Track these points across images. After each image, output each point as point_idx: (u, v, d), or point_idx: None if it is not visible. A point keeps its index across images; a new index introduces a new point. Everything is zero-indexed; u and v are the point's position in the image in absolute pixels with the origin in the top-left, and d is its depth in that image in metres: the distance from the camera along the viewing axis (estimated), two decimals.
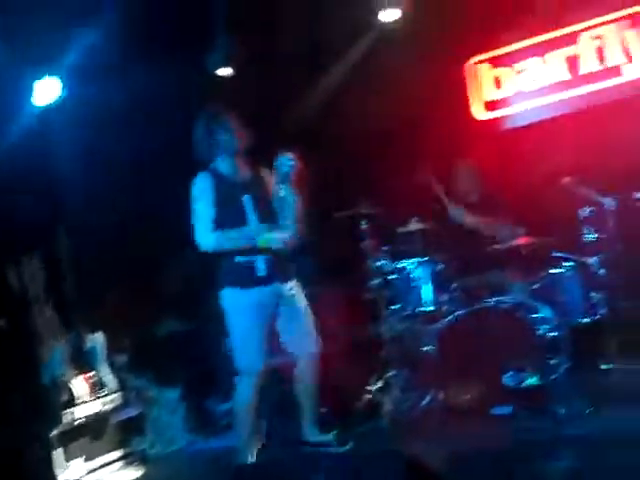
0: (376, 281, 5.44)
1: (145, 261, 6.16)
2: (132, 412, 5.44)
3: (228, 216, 4.38)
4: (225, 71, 6.67)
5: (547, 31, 6.45)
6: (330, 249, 5.98)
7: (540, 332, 4.80)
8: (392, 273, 5.49)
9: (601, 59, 6.29)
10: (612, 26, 6.26)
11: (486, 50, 6.69)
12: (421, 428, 4.79)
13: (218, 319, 4.54)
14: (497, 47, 6.66)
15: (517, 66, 6.58)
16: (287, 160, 4.42)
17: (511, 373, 4.71)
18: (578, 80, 6.36)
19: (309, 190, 4.53)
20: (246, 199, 4.44)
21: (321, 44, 6.61)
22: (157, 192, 5.93)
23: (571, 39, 6.39)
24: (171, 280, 6.36)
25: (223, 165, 4.51)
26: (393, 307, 5.41)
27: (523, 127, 6.56)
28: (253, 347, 4.43)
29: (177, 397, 5.68)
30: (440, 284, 5.38)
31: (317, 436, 4.65)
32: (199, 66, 6.56)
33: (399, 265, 5.48)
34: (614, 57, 6.25)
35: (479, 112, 6.72)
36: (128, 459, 5.31)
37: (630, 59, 6.19)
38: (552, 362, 4.71)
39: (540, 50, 6.49)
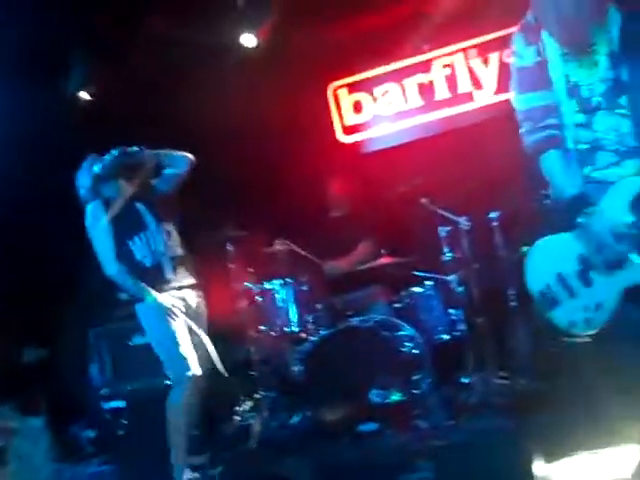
0: (243, 303, 5.50)
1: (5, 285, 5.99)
2: None
3: (126, 229, 4.57)
4: (84, 93, 6.57)
5: (403, 58, 6.67)
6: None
7: (403, 350, 4.97)
8: (259, 294, 5.54)
9: (453, 86, 6.57)
10: (460, 55, 6.56)
11: (346, 75, 6.85)
12: (290, 448, 4.87)
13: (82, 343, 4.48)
14: (356, 73, 6.82)
15: (375, 91, 6.77)
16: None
17: (376, 390, 4.85)
18: (432, 105, 6.61)
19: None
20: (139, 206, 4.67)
21: (182, 67, 6.59)
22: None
23: (425, 67, 6.64)
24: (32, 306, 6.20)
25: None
26: (261, 328, 5.45)
27: (383, 150, 6.74)
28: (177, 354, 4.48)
29: (41, 425, 5.53)
30: (305, 304, 5.47)
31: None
32: (59, 89, 6.44)
33: (265, 286, 5.54)
34: (464, 84, 6.54)
35: (341, 135, 6.87)
36: None
37: (479, 86, 6.49)
38: (415, 378, 4.89)
39: (397, 76, 6.70)
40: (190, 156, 4.86)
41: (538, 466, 3.66)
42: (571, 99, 2.87)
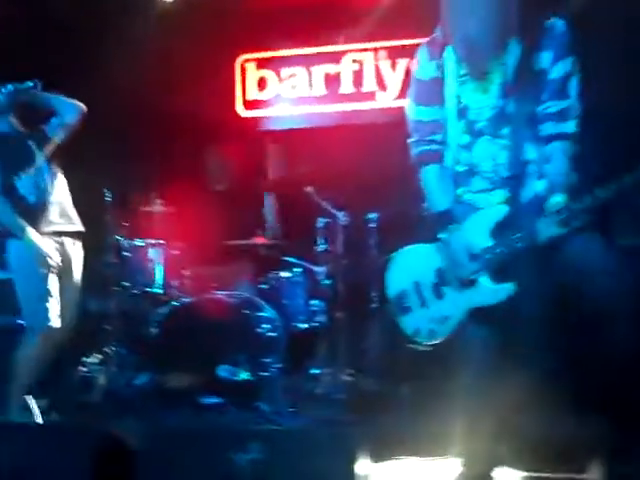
0: (111, 256, 5.43)
1: None
2: None
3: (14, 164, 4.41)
4: None
5: (316, 45, 6.70)
6: None
7: (260, 330, 5.03)
8: (128, 250, 5.49)
9: (358, 82, 6.65)
10: (370, 54, 6.65)
11: (256, 50, 6.83)
12: (129, 407, 4.86)
13: None
14: (267, 49, 6.81)
15: (282, 72, 6.77)
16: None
17: (226, 366, 4.90)
18: (336, 97, 6.67)
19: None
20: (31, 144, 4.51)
21: (95, 12, 6.40)
22: None
23: (335, 58, 6.69)
24: None
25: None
26: (124, 284, 5.40)
27: (280, 131, 6.77)
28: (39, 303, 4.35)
29: None
30: (173, 269, 5.46)
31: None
32: None
33: (136, 243, 5.49)
34: (370, 83, 6.63)
35: (241, 109, 6.85)
36: None
37: (384, 87, 6.60)
38: (266, 361, 4.96)
39: (306, 62, 6.73)
40: (82, 106, 4.71)
41: (363, 464, 3.78)
42: (459, 120, 2.97)
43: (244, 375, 4.87)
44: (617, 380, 2.89)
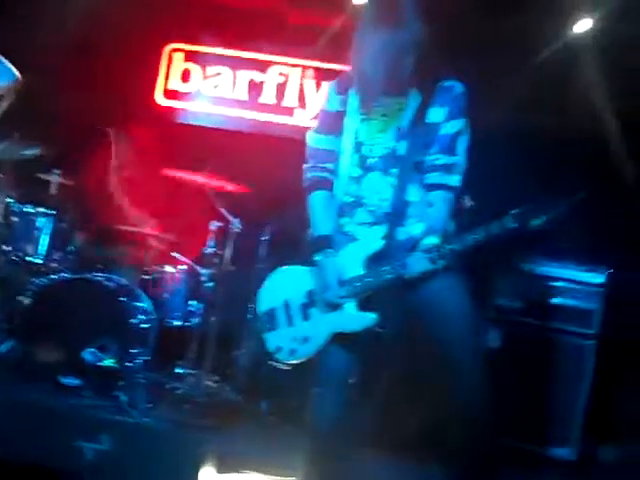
0: None
1: None
2: None
3: None
4: None
5: (246, 50, 6.74)
6: None
7: (133, 320, 5.01)
8: (15, 214, 5.38)
9: (281, 95, 6.72)
10: (297, 70, 6.73)
11: (187, 42, 6.81)
12: None
13: None
14: (198, 43, 6.81)
15: (208, 69, 6.78)
16: None
17: (92, 350, 4.85)
18: (255, 105, 6.72)
19: None
20: None
21: None
22: None
23: (262, 66, 6.74)
24: None
25: None
26: (4, 247, 5.29)
27: (195, 127, 6.76)
28: None
29: None
30: (58, 241, 5.39)
31: None
32: None
33: (25, 209, 5.39)
34: (291, 98, 6.71)
35: (160, 97, 6.81)
36: None
37: (304, 106, 6.69)
38: (133, 351, 4.95)
39: (233, 64, 6.76)
40: (16, 73, 4.59)
41: (208, 472, 3.84)
42: (354, 153, 3.17)
43: (108, 362, 4.82)
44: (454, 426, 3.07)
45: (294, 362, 3.19)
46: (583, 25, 5.76)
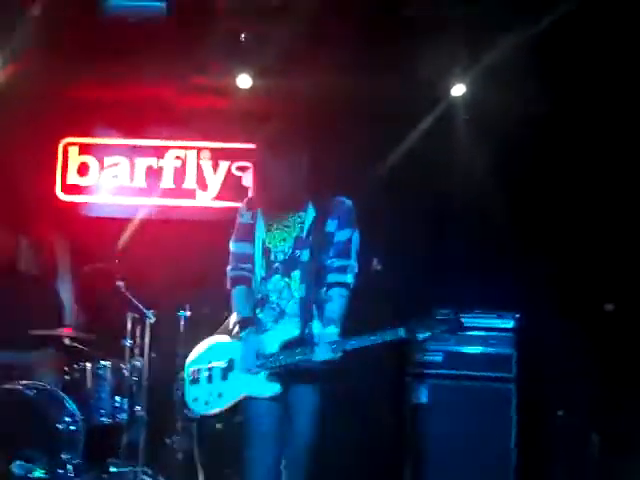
0: None
1: None
2: None
3: None
4: None
5: (141, 137, 6.84)
6: None
7: (59, 425, 4.97)
8: None
9: (179, 179, 6.83)
10: (193, 152, 6.87)
11: (80, 135, 6.86)
12: None
13: None
14: (91, 136, 6.87)
15: (106, 160, 6.83)
16: None
17: (21, 462, 4.80)
18: (156, 191, 6.80)
19: None
20: None
21: None
22: None
23: (159, 152, 6.85)
24: None
25: None
26: None
27: (100, 219, 6.79)
28: None
29: None
30: None
31: None
32: None
33: None
34: (190, 180, 6.83)
35: (60, 192, 6.82)
36: None
37: (204, 187, 6.81)
38: (64, 457, 4.91)
39: (129, 152, 6.84)
40: None
41: None
42: (263, 257, 3.76)
43: (38, 473, 4.78)
44: None
45: (204, 413, 3.81)
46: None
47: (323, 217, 3.69)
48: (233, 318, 3.84)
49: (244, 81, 6.24)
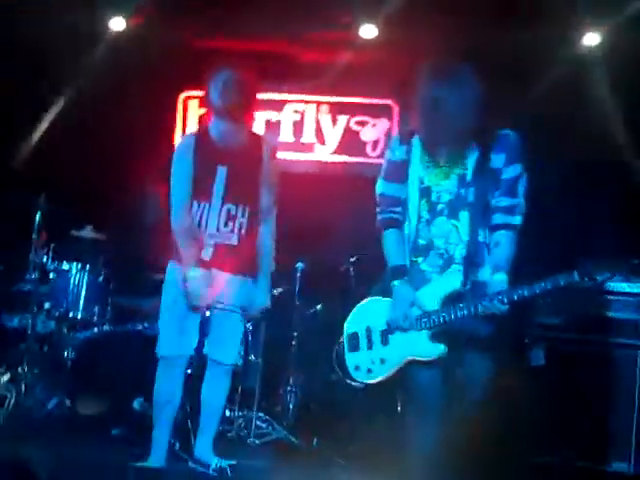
0: (33, 275, 5.37)
1: None
2: None
3: (197, 186, 4.05)
4: None
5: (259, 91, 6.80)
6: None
7: None
8: (53, 272, 5.45)
9: (299, 132, 6.80)
10: (312, 106, 6.82)
11: (200, 88, 6.88)
12: (36, 431, 4.78)
13: None
14: None
15: None
16: None
17: (140, 399, 4.88)
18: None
19: None
20: (220, 171, 4.03)
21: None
22: None
23: (277, 106, 6.83)
24: None
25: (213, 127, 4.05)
26: (45, 305, 5.35)
27: None
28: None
29: None
30: (97, 295, 5.44)
31: None
32: None
33: (62, 266, 5.46)
34: (309, 134, 6.79)
35: None
36: None
37: (322, 141, 6.77)
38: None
39: None
40: None
41: None
42: (421, 198, 3.36)
43: None
44: None
45: (369, 382, 3.41)
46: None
47: (488, 152, 3.28)
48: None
49: (368, 31, 6.13)
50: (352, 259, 5.65)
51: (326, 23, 6.22)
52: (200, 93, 6.84)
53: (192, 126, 6.89)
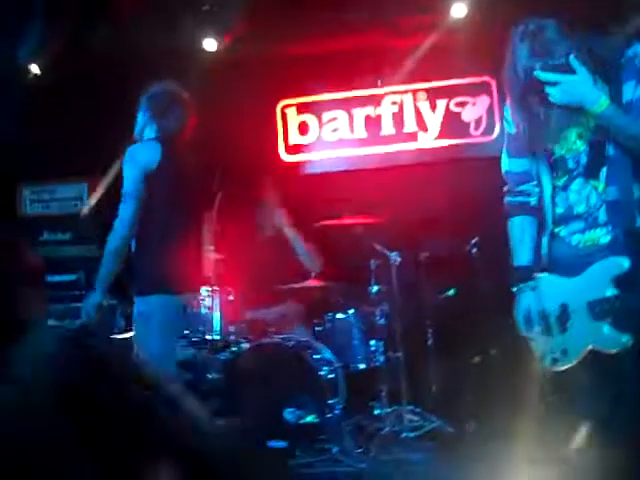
0: None
1: None
2: None
3: None
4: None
5: (356, 88, 6.83)
6: None
7: (321, 373, 5.07)
8: None
9: (399, 124, 6.76)
10: (409, 95, 6.78)
11: (297, 95, 6.95)
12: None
13: None
14: (307, 94, 6.94)
15: (324, 116, 6.89)
16: None
17: (291, 409, 4.93)
18: (377, 139, 6.78)
19: None
20: None
21: (140, 58, 6.53)
22: None
23: (375, 100, 6.81)
24: None
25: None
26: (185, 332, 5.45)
27: (324, 174, 6.86)
28: None
29: None
30: (229, 314, 5.51)
31: None
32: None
33: None
34: (410, 124, 6.74)
35: (284, 154, 6.96)
36: None
37: (424, 128, 6.71)
38: (330, 402, 5.00)
39: (346, 105, 6.85)
40: None
41: None
42: (554, 164, 3.05)
43: (310, 417, 4.88)
44: None
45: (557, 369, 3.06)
46: None
47: (617, 87, 2.86)
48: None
49: (459, 10, 6.04)
50: (473, 240, 5.59)
51: (413, 8, 6.16)
52: (297, 100, 6.98)
53: (293, 133, 6.94)
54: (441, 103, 6.66)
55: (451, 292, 5.63)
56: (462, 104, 6.61)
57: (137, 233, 4.28)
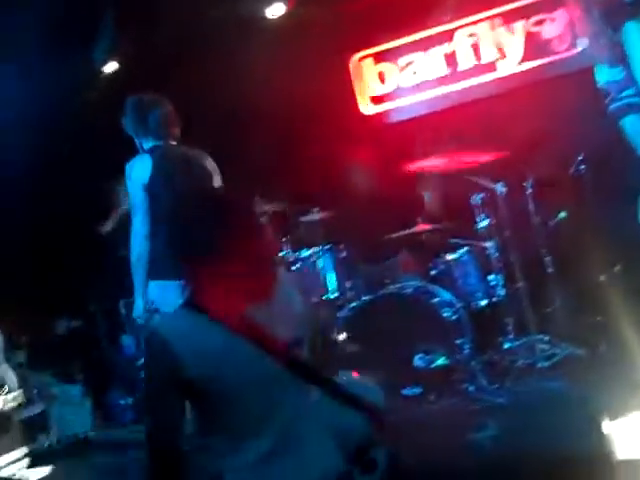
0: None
1: (40, 259, 6.02)
2: (36, 409, 5.34)
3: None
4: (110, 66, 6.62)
5: (427, 28, 6.69)
6: None
7: (443, 315, 5.03)
8: (295, 263, 5.59)
9: (476, 56, 6.60)
10: (485, 24, 6.59)
11: (370, 45, 6.86)
12: None
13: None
14: (380, 43, 6.84)
15: (400, 61, 6.79)
16: None
17: (420, 355, 4.92)
18: (457, 75, 6.64)
19: None
20: None
21: (207, 38, 6.56)
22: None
23: (449, 36, 6.66)
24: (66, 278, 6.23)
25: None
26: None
27: (408, 120, 6.77)
28: None
29: (79, 393, 5.59)
30: (343, 271, 5.53)
31: None
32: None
33: (302, 254, 5.59)
34: (488, 54, 6.57)
35: (365, 107, 6.89)
36: (34, 456, 5.21)
37: (503, 55, 6.53)
38: (457, 342, 4.97)
39: (421, 46, 6.72)
40: None
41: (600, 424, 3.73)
42: None
43: (441, 361, 4.87)
44: None
45: None
46: None
47: None
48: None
49: None
50: (579, 158, 5.42)
51: None
52: (372, 50, 6.87)
53: (373, 83, 6.85)
54: (518, 26, 6.44)
55: (562, 215, 5.48)
56: (540, 22, 6.39)
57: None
